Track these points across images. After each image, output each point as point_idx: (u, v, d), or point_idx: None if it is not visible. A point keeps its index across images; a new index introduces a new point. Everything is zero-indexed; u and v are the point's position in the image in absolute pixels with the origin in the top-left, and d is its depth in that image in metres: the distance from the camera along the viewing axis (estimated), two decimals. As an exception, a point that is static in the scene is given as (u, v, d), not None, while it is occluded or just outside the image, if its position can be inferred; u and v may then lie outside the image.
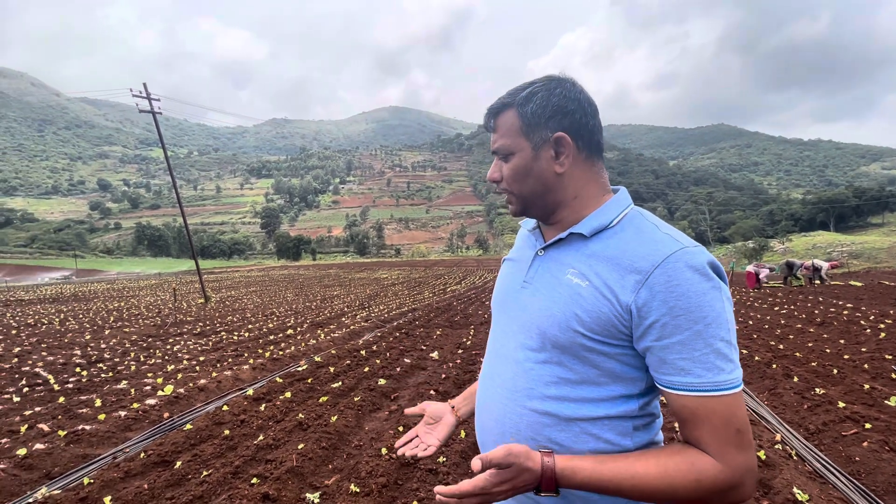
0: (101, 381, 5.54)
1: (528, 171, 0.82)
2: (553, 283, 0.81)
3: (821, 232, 71.94)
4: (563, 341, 0.77)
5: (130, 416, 4.18)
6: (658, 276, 0.70)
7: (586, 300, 0.75)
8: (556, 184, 0.82)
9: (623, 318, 0.73)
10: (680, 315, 0.69)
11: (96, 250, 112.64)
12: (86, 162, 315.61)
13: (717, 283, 0.71)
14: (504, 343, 0.88)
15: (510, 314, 0.89)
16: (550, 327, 0.78)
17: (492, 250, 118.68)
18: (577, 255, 0.80)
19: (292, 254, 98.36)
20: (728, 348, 0.69)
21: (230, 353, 7.03)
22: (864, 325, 7.49)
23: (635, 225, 0.79)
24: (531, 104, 0.80)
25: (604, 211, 0.82)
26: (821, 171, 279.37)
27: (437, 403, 1.07)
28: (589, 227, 0.80)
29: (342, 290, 21.13)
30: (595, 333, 0.75)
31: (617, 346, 0.76)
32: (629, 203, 0.84)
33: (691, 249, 0.72)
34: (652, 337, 0.71)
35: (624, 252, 0.75)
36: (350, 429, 3.87)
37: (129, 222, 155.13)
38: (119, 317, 12.53)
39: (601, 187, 0.85)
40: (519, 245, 0.99)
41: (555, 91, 0.79)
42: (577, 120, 0.80)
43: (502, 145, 0.83)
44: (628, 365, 0.77)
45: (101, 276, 54.69)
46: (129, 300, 18.70)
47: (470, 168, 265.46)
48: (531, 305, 0.83)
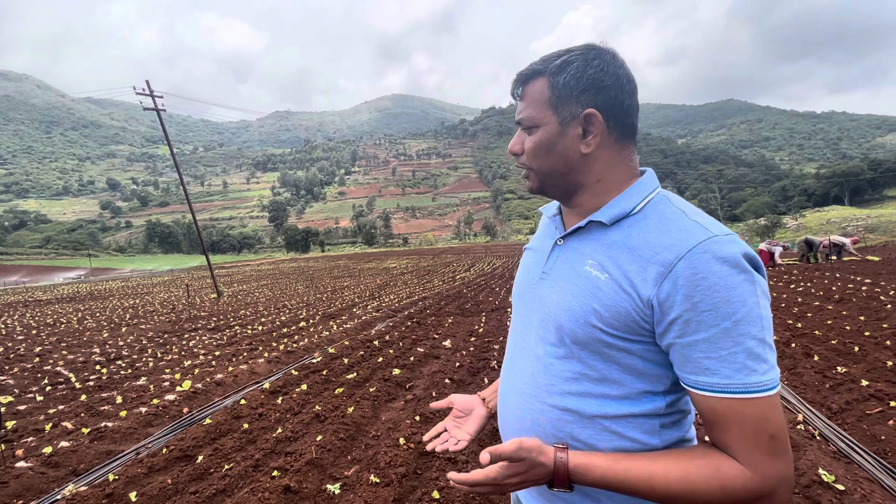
0: (120, 379, 5.64)
1: (551, 148, 0.76)
2: (571, 274, 0.76)
3: (835, 206, 70.52)
4: (582, 337, 0.73)
5: (151, 411, 4.25)
6: (682, 268, 0.64)
7: (605, 294, 0.71)
8: (580, 164, 0.76)
9: (644, 314, 0.68)
10: (705, 311, 0.63)
11: (109, 249, 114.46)
12: (94, 162, 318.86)
13: (752, 275, 0.64)
14: (524, 337, 0.85)
15: (529, 306, 0.85)
16: (568, 322, 0.74)
17: (499, 236, 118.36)
18: (597, 245, 0.75)
19: (301, 246, 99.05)
20: (761, 347, 0.63)
21: (245, 347, 7.11)
22: (883, 300, 7.34)
23: (659, 211, 0.73)
24: (564, 74, 0.73)
25: (626, 196, 0.76)
26: (835, 144, 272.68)
27: (464, 396, 1.03)
28: (609, 214, 0.75)
29: (352, 280, 21.24)
30: (615, 329, 0.70)
31: (638, 343, 0.71)
32: (655, 186, 0.77)
33: (721, 238, 0.65)
34: (675, 333, 0.66)
35: (647, 242, 0.70)
36: (367, 419, 3.89)
37: (139, 220, 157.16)
38: (135, 314, 12.73)
39: (629, 171, 0.78)
40: (540, 233, 0.95)
41: (592, 62, 0.72)
42: (613, 97, 0.73)
43: (527, 116, 0.77)
44: (651, 361, 0.72)
45: (116, 274, 55.64)
46: (144, 297, 18.99)
47: (475, 154, 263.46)
48: (549, 298, 0.79)
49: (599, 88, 0.72)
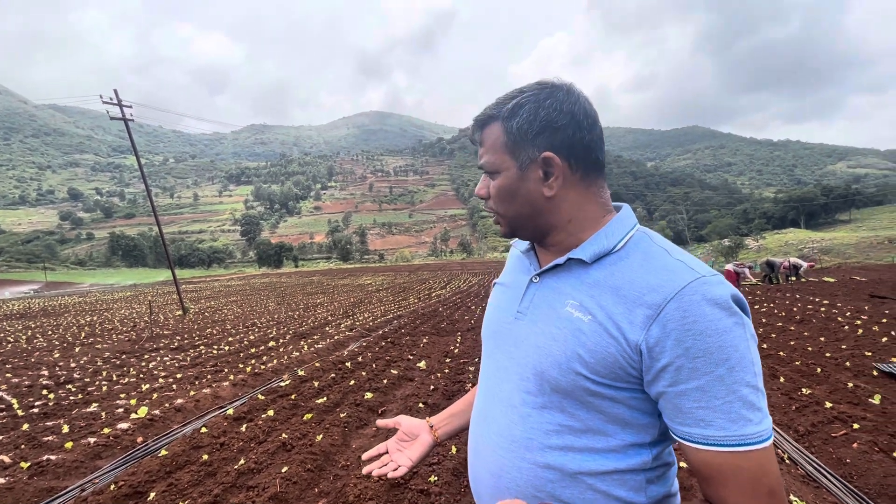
0: (69, 405, 5.24)
1: (514, 193, 0.73)
2: (551, 315, 0.72)
3: (792, 229, 74.41)
4: (565, 385, 0.68)
5: (101, 442, 3.94)
6: (672, 310, 0.61)
7: (589, 337, 0.66)
8: (546, 207, 0.72)
9: (632, 359, 0.64)
10: (698, 357, 0.60)
11: (67, 262, 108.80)
12: (55, 171, 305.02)
13: (741, 318, 0.61)
14: (498, 382, 0.78)
15: (503, 349, 0.79)
16: (549, 368, 0.69)
17: (475, 253, 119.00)
18: (578, 284, 0.71)
19: (274, 261, 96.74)
20: (755, 395, 0.60)
21: (209, 369, 6.77)
22: (841, 321, 7.67)
23: (642, 249, 0.69)
24: (517, 118, 0.70)
25: (606, 233, 0.72)
26: (790, 171, 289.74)
27: (412, 419, 1.00)
28: (590, 251, 0.71)
29: (325, 297, 20.78)
30: (600, 376, 0.65)
31: (625, 390, 0.66)
32: (634, 223, 0.74)
33: (710, 279, 0.62)
34: (665, 381, 0.62)
35: (631, 281, 0.66)
36: (336, 448, 3.72)
37: (102, 232, 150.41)
38: (91, 332, 12.01)
39: (601, 207, 0.74)
40: (511, 268, 0.89)
41: (544, 103, 0.69)
42: (571, 136, 0.69)
43: (487, 162, 0.74)
44: (639, 410, 0.68)
45: (73, 289, 52.74)
46: (103, 314, 18.01)
47: (452, 172, 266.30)
48: (526, 341, 0.74)
49: (555, 129, 0.69)
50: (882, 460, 3.00)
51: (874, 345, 5.97)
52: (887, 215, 79.85)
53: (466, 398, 1.03)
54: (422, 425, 0.98)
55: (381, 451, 0.97)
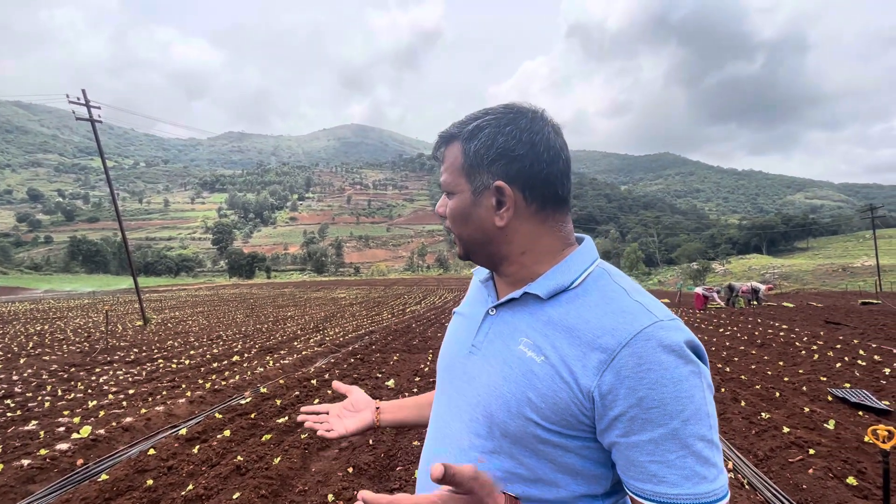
0: (5, 422, 4.84)
1: (466, 217, 0.70)
2: (504, 353, 0.67)
3: (755, 255, 77.78)
4: (514, 430, 0.63)
5: (35, 464, 3.64)
6: (626, 356, 0.57)
7: (541, 381, 0.62)
8: (497, 236, 0.69)
9: (584, 406, 0.60)
10: (652, 408, 0.56)
11: (22, 266, 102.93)
12: (15, 170, 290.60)
13: (697, 366, 0.58)
14: (449, 421, 0.74)
15: (455, 385, 0.74)
16: (499, 411, 0.65)
17: (452, 269, 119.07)
18: (532, 321, 0.67)
19: (245, 272, 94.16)
20: (710, 449, 0.57)
21: (165, 385, 6.42)
22: (798, 346, 7.97)
23: (600, 287, 0.66)
24: (475, 141, 0.67)
25: (563, 268, 0.68)
26: (754, 199, 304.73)
27: (364, 395, 1.01)
28: (546, 287, 0.67)
29: (297, 310, 20.27)
30: (551, 423, 0.61)
31: (577, 439, 0.62)
32: (595, 258, 0.70)
33: (666, 324, 0.59)
34: (618, 432, 0.59)
35: (586, 322, 0.62)
36: (294, 471, 3.55)
37: (62, 236, 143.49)
38: (40, 342, 11.29)
39: (560, 240, 0.71)
40: (471, 297, 0.85)
41: (504, 129, 0.66)
42: (528, 167, 0.65)
43: (444, 181, 0.72)
44: (591, 460, 0.64)
45: (25, 295, 49.77)
46: (55, 322, 16.99)
47: (432, 188, 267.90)
48: (478, 379, 0.69)
49: (511, 158, 0.65)
50: (836, 486, 3.06)
51: (829, 369, 6.20)
52: (841, 244, 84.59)
53: (420, 399, 1.00)
54: (369, 404, 0.99)
55: (321, 410, 0.98)
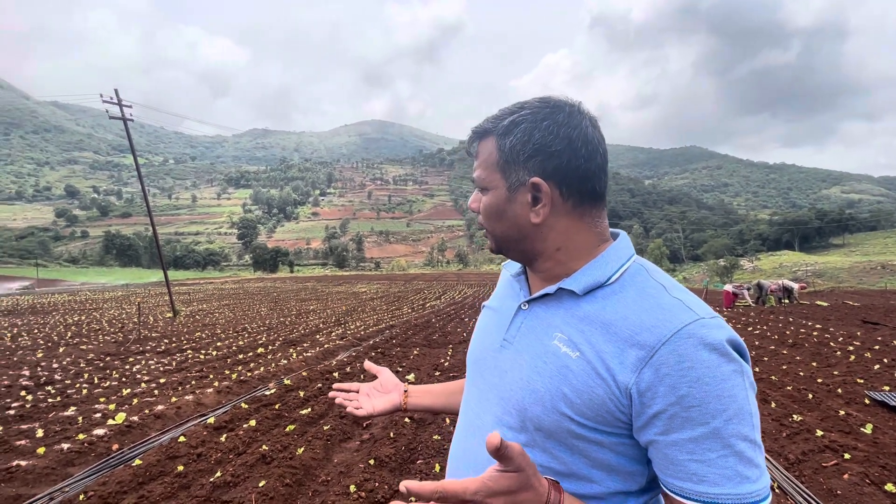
0: (46, 408, 5.10)
1: (501, 213, 0.69)
2: (538, 348, 0.67)
3: (786, 252, 74.96)
4: (548, 424, 0.63)
5: (74, 448, 3.82)
6: (666, 354, 0.56)
7: (576, 376, 0.61)
8: (532, 233, 0.68)
9: (621, 403, 0.59)
10: (693, 406, 0.55)
11: (60, 259, 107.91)
12: (53, 167, 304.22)
13: (740, 365, 0.57)
14: (479, 414, 0.74)
15: (487, 378, 0.74)
16: (532, 405, 0.64)
17: (472, 265, 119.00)
18: (568, 317, 0.66)
19: (269, 266, 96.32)
20: (753, 450, 0.56)
21: (194, 375, 6.64)
22: (833, 346, 7.65)
23: (638, 284, 0.65)
24: (510, 137, 0.66)
25: (599, 264, 0.67)
26: (785, 194, 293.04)
27: (394, 377, 1.04)
28: (582, 283, 0.66)
29: (319, 304, 20.63)
30: (586, 418, 0.61)
31: (612, 435, 0.62)
32: (631, 254, 0.69)
33: (708, 321, 0.58)
34: (656, 430, 0.58)
35: (624, 318, 0.61)
36: (317, 462, 3.62)
37: (97, 230, 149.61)
38: (77, 332, 11.82)
39: (596, 237, 0.70)
40: (501, 292, 0.85)
41: (541, 124, 0.65)
42: (565, 163, 0.64)
43: (479, 177, 0.71)
44: (626, 457, 0.63)
45: (64, 287, 52.19)
46: (91, 313, 17.77)
47: (451, 183, 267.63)
48: (511, 373, 0.69)
49: (548, 154, 0.65)
50: (873, 493, 2.94)
51: (866, 372, 5.94)
52: (880, 241, 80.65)
53: (448, 386, 1.01)
54: (397, 386, 1.01)
55: (352, 388, 1.01)
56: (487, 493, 0.53)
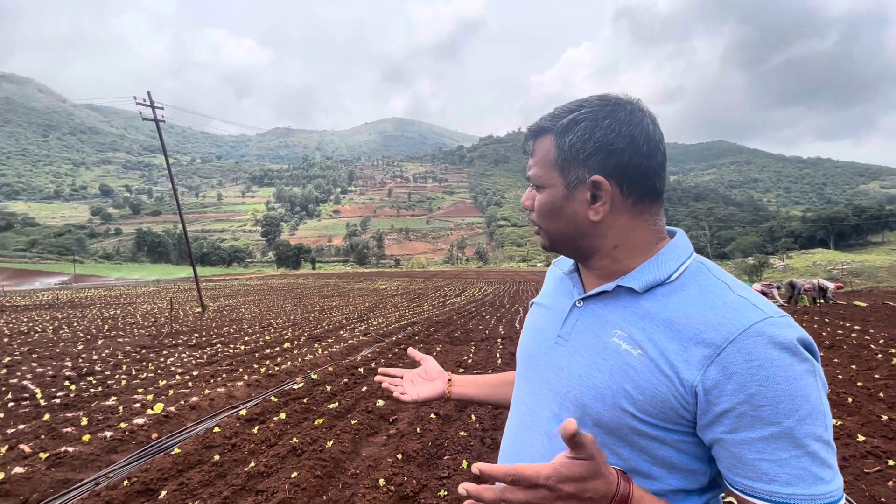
0: (89, 397, 5.36)
1: (558, 211, 0.69)
2: (596, 345, 0.67)
3: (820, 249, 71.97)
4: (609, 420, 0.63)
5: (116, 436, 4.01)
6: (733, 352, 0.56)
7: (638, 373, 0.61)
8: (590, 230, 0.68)
9: (685, 401, 0.59)
10: (763, 405, 0.55)
11: (96, 255, 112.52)
12: (89, 167, 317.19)
13: (812, 364, 0.56)
14: (534, 409, 0.74)
15: (540, 374, 0.75)
16: (592, 401, 0.65)
17: (491, 262, 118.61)
18: (627, 314, 0.66)
19: (292, 262, 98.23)
20: (826, 450, 0.55)
21: (225, 368, 6.85)
22: (874, 349, 7.33)
23: (699, 282, 0.64)
24: (570, 135, 0.66)
25: (658, 262, 0.67)
26: (820, 189, 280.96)
27: (438, 366, 1.07)
28: (641, 280, 0.66)
29: (341, 300, 20.94)
30: (648, 415, 0.61)
31: (675, 433, 0.61)
32: (690, 252, 0.69)
33: (777, 320, 0.57)
34: (723, 428, 0.57)
35: (687, 316, 0.61)
36: (346, 455, 3.69)
37: (129, 228, 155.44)
38: (114, 325, 12.34)
39: (654, 234, 0.70)
40: (551, 288, 0.85)
41: (602, 122, 0.65)
42: (626, 161, 0.65)
43: (535, 175, 0.71)
44: (689, 454, 0.63)
45: (100, 282, 54.45)
46: (126, 308, 18.50)
47: (471, 180, 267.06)
48: (567, 369, 0.70)
49: (609, 152, 0.65)
50: (921, 502, 2.81)
51: (910, 376, 5.67)
52: (924, 239, 76.56)
53: (491, 379, 1.03)
54: (442, 374, 1.04)
55: (398, 374, 1.05)
56: (559, 479, 0.53)
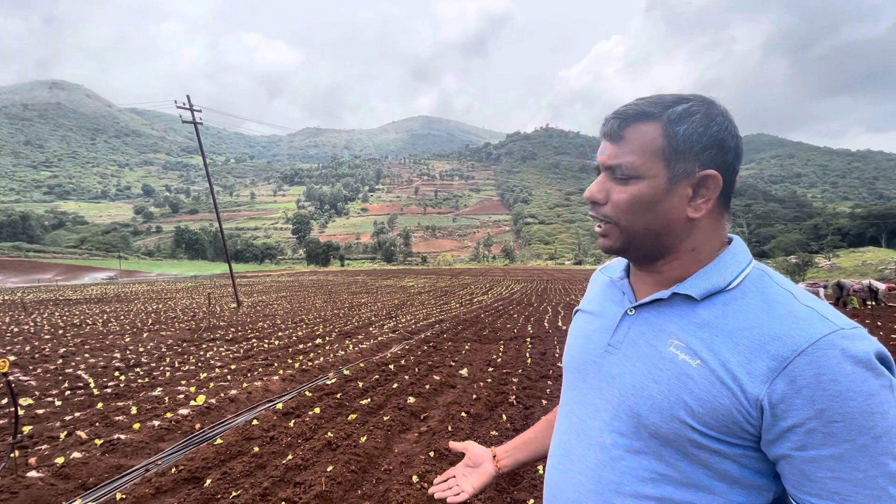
0: (137, 387, 5.65)
1: (651, 205, 0.65)
2: (651, 354, 0.66)
3: (871, 248, 67.70)
4: (666, 432, 0.62)
5: (164, 425, 4.21)
6: (802, 365, 0.54)
7: (698, 384, 0.60)
8: (680, 229, 0.66)
9: (749, 415, 0.57)
10: (835, 422, 0.53)
11: (139, 252, 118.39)
12: (132, 168, 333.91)
13: (889, 380, 0.54)
14: (584, 419, 0.73)
15: (590, 383, 0.74)
16: (649, 412, 0.63)
17: (518, 260, 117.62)
18: (684, 323, 0.65)
19: (321, 259, 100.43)
20: None
21: (260, 362, 7.08)
22: (933, 355, 6.85)
23: (762, 290, 0.62)
24: (685, 125, 0.63)
25: (718, 268, 0.65)
26: (871, 184, 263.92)
27: (478, 447, 1.02)
28: (700, 287, 0.64)
29: (369, 297, 21.25)
30: (709, 428, 0.59)
31: (737, 447, 0.60)
32: (750, 259, 0.67)
33: (850, 332, 0.55)
34: (791, 444, 0.55)
35: (750, 326, 0.59)
36: (379, 451, 3.76)
37: (169, 226, 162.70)
38: (157, 319, 12.96)
39: (721, 239, 0.69)
40: (598, 296, 0.83)
41: (716, 118, 0.63)
42: (729, 161, 0.65)
43: (627, 163, 0.65)
44: (752, 469, 0.61)
45: (142, 277, 57.26)
46: (167, 302, 19.39)
47: (498, 177, 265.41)
48: (620, 378, 0.69)
49: (722, 149, 0.64)
50: None
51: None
52: None
53: (529, 437, 1.00)
54: (485, 454, 1.00)
55: (448, 476, 1.01)
56: None
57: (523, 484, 3.18)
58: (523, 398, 5.07)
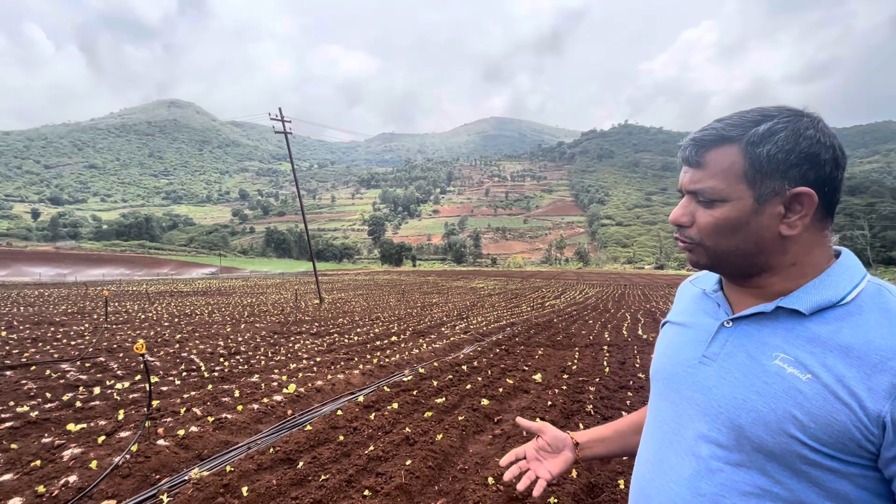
0: (238, 373, 6.31)
1: (739, 227, 0.65)
2: (752, 367, 0.64)
3: None
4: (772, 446, 0.60)
5: (261, 409, 4.67)
6: None
7: (809, 399, 0.58)
8: (774, 246, 0.65)
9: (869, 432, 0.56)
10: None
11: (235, 250, 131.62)
12: (231, 175, 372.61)
13: None
14: (677, 428, 0.73)
15: (683, 393, 0.73)
16: (751, 425, 0.62)
17: (593, 263, 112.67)
18: (791, 337, 0.63)
19: (395, 259, 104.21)
20: None
21: (342, 356, 7.55)
22: None
23: (881, 306, 0.59)
24: (768, 145, 0.62)
25: (828, 282, 0.63)
26: None
27: (557, 430, 0.96)
28: (809, 302, 0.62)
29: (440, 297, 21.66)
30: (822, 445, 0.57)
31: (853, 465, 0.57)
32: (864, 273, 0.64)
33: None
34: None
35: (868, 342, 0.57)
36: (454, 449, 3.84)
37: (260, 227, 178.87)
38: (252, 312, 14.33)
39: (827, 252, 0.66)
40: (688, 307, 0.82)
41: (805, 132, 0.62)
42: (826, 174, 0.62)
43: (710, 188, 0.66)
44: (868, 490, 0.57)
45: (238, 274, 63.57)
46: (259, 296, 21.35)
47: (572, 177, 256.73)
48: (717, 389, 0.67)
49: (815, 164, 0.62)
50: None
51: None
52: None
53: (619, 426, 0.98)
54: (566, 440, 0.95)
55: (518, 456, 0.95)
56: None
57: (602, 497, 3.07)
58: (601, 408, 4.88)
